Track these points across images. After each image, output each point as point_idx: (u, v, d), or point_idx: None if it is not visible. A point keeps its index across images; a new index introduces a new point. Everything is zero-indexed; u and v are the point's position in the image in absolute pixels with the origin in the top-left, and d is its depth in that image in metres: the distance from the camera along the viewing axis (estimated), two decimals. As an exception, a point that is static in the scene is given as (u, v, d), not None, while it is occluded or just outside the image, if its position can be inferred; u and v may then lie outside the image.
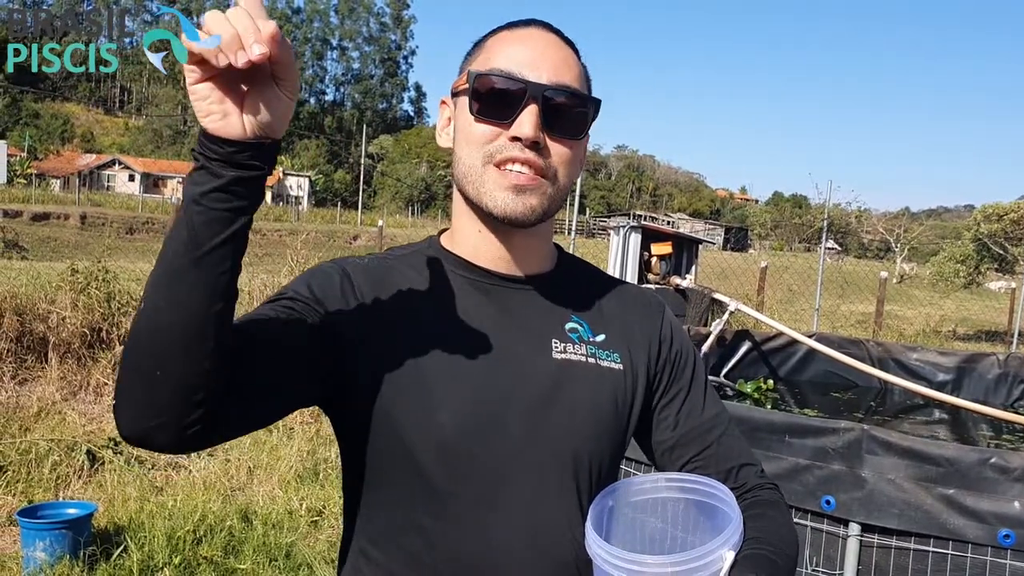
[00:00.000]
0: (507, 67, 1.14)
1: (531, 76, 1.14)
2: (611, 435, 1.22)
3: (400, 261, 1.25)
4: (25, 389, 6.65)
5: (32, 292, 7.38)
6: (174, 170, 69.92)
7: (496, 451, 1.13)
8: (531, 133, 1.12)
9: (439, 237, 1.31)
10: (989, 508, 2.92)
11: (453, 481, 1.13)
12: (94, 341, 7.20)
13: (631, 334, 1.29)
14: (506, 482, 1.14)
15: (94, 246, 13.19)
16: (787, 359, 6.64)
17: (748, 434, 3.38)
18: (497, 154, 1.15)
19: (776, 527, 1.16)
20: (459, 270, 1.23)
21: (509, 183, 1.14)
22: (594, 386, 1.21)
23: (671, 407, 1.29)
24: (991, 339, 18.07)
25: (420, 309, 1.18)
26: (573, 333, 1.24)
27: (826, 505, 3.14)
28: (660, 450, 1.29)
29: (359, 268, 1.21)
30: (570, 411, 1.18)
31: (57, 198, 42.03)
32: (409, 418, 1.12)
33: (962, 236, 21.76)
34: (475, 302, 1.20)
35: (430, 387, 1.12)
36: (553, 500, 1.16)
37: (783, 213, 48.54)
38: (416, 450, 1.12)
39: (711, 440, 1.28)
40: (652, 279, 10.65)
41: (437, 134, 1.29)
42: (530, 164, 1.14)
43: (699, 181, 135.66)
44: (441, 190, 74.70)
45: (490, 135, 1.15)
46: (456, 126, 1.21)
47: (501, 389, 1.15)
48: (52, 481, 5.12)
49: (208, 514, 4.67)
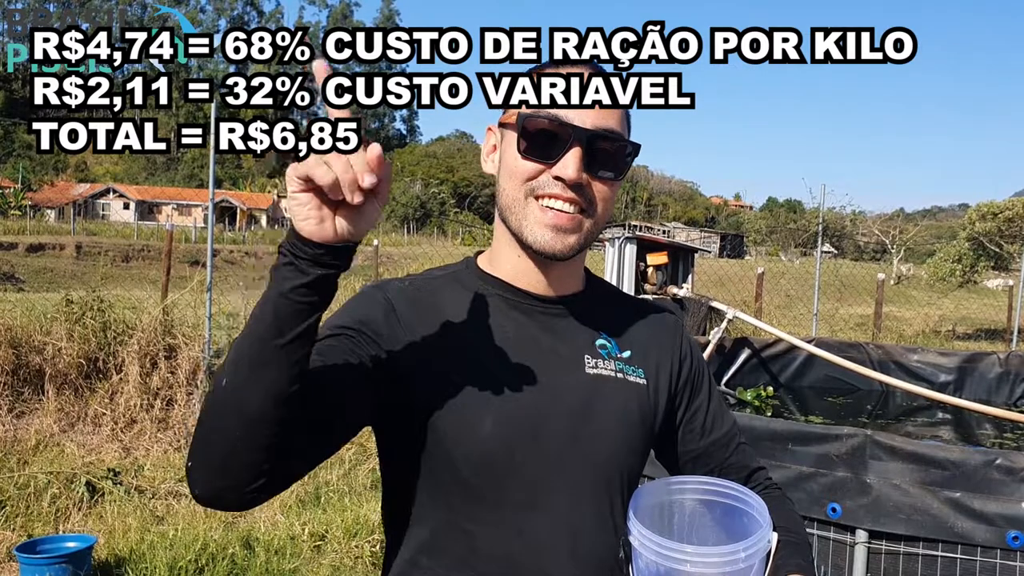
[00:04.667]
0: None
1: (576, 119, 1.20)
2: (638, 445, 1.33)
3: (442, 283, 1.33)
4: (22, 422, 6.61)
5: (27, 324, 7.33)
6: (168, 196, 69.98)
7: (537, 460, 1.22)
8: (574, 175, 1.20)
9: (476, 259, 1.38)
10: (997, 510, 2.89)
11: (498, 490, 1.21)
12: (91, 371, 7.15)
13: (653, 351, 1.40)
14: (546, 488, 1.23)
15: (90, 275, 13.16)
16: (787, 365, 6.62)
17: (751, 443, 3.33)
18: (539, 189, 1.22)
19: (794, 518, 1.37)
20: (500, 291, 1.31)
21: (550, 221, 1.22)
22: (623, 399, 1.31)
23: (696, 419, 1.43)
24: (991, 337, 18.06)
25: (465, 331, 1.25)
26: (603, 350, 1.33)
27: (832, 513, 3.11)
28: (685, 459, 1.43)
29: (402, 295, 1.27)
30: (603, 422, 1.28)
31: (52, 228, 42.00)
32: (459, 435, 1.20)
33: (957, 235, 21.80)
34: (515, 322, 1.29)
35: (477, 405, 1.20)
36: (588, 504, 1.26)
37: (778, 219, 48.58)
38: (464, 463, 1.20)
39: (731, 450, 1.45)
40: (649, 289, 10.63)
41: (482, 159, 1.36)
42: (571, 202, 1.22)
43: (693, 189, 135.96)
44: (436, 208, 74.87)
45: (534, 171, 1.22)
46: (502, 158, 1.28)
47: (541, 403, 1.24)
48: (51, 514, 5.08)
49: (210, 543, 4.63)
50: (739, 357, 6.60)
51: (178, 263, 14.68)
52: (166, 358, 7.27)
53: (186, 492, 5.59)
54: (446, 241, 46.43)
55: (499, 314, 1.28)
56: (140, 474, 5.89)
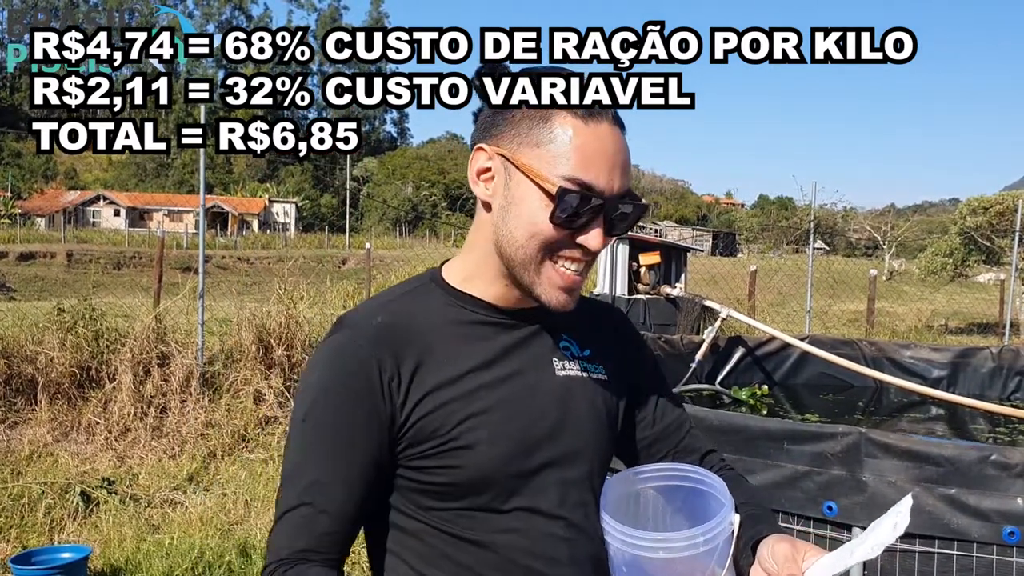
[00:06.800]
0: (586, 177, 1.19)
1: (607, 189, 1.20)
2: (608, 438, 1.38)
3: (414, 307, 1.30)
4: (16, 432, 6.58)
5: (19, 333, 7.30)
6: (159, 202, 69.74)
7: (529, 466, 1.26)
8: (599, 247, 1.23)
9: (441, 271, 1.36)
10: (992, 506, 2.90)
11: (498, 499, 1.24)
12: (84, 380, 7.12)
13: (607, 346, 1.43)
14: (540, 490, 1.27)
15: (82, 283, 13.14)
16: (781, 363, 6.63)
17: (746, 442, 3.36)
18: (558, 251, 1.23)
19: (754, 491, 1.42)
20: (473, 308, 1.31)
21: (564, 284, 1.24)
22: (591, 397, 1.35)
23: (647, 407, 1.46)
24: (983, 331, 18.12)
25: (447, 358, 1.25)
26: (567, 352, 1.36)
27: (828, 511, 3.11)
28: (641, 446, 1.45)
29: (380, 342, 1.24)
30: (579, 422, 1.32)
31: (43, 236, 41.90)
32: (455, 454, 1.22)
33: (948, 230, 21.88)
34: (493, 338, 1.30)
35: (467, 423, 1.22)
36: (578, 505, 1.30)
37: (769, 216, 48.66)
38: (461, 478, 1.22)
39: (683, 433, 1.47)
40: (642, 289, 10.64)
41: (472, 181, 1.30)
42: (585, 263, 1.25)
43: (684, 188, 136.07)
44: (428, 210, 74.79)
45: (559, 238, 1.22)
46: (514, 203, 1.23)
47: (525, 411, 1.27)
48: (46, 525, 5.05)
49: (206, 550, 4.61)
50: (733, 356, 6.61)
51: (170, 269, 14.62)
52: (159, 366, 7.24)
53: (181, 500, 5.58)
54: (438, 243, 46.34)
55: (477, 333, 1.29)
56: (135, 483, 5.87)
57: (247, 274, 22.89)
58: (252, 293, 11.21)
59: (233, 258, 35.64)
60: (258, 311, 8.37)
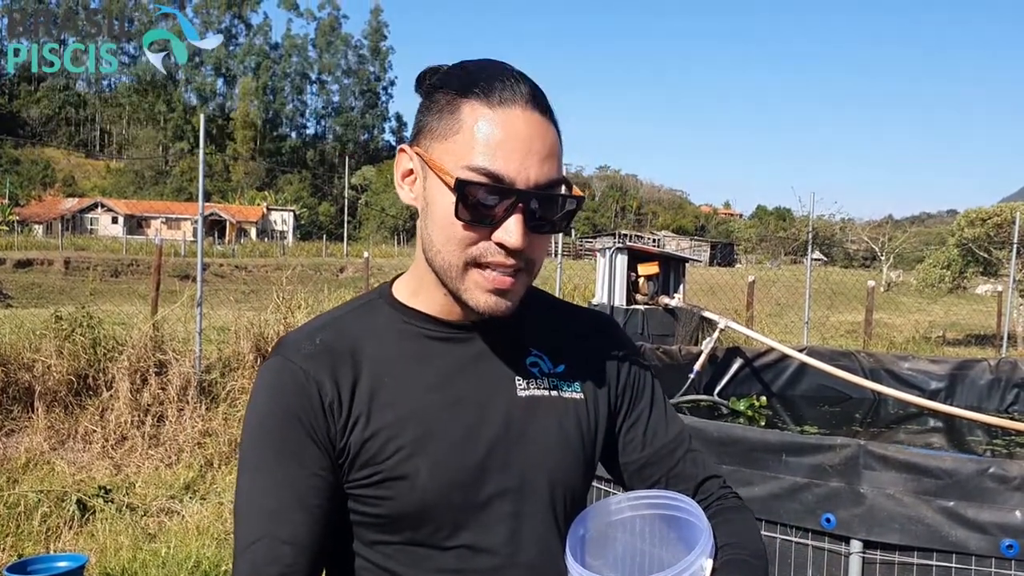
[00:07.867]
0: (492, 166, 1.07)
1: (519, 178, 1.08)
2: (580, 463, 1.24)
3: (356, 327, 1.21)
4: (12, 440, 6.56)
5: (16, 341, 7.29)
6: (157, 210, 69.80)
7: (476, 499, 1.15)
8: (519, 243, 1.09)
9: (391, 287, 1.28)
10: (990, 519, 2.90)
11: (439, 534, 1.14)
12: (81, 388, 7.11)
13: (589, 361, 1.30)
14: (487, 526, 1.16)
15: (79, 291, 13.09)
16: (779, 374, 6.64)
17: (744, 454, 3.36)
18: (480, 258, 1.11)
19: (746, 531, 1.22)
20: (420, 324, 1.21)
21: (491, 286, 1.12)
22: (559, 418, 1.23)
23: (636, 429, 1.31)
24: (981, 343, 18.15)
25: (389, 379, 1.17)
26: (534, 368, 1.25)
27: (826, 523, 3.11)
28: (629, 471, 1.31)
29: (320, 365, 1.15)
30: (542, 446, 1.20)
31: (40, 244, 41.88)
32: (393, 492, 1.13)
33: (946, 241, 21.92)
34: (442, 356, 1.20)
35: (405, 451, 1.13)
36: (538, 533, 1.18)
37: (767, 227, 48.71)
38: (394, 510, 1.13)
39: (677, 458, 1.31)
40: (640, 299, 10.64)
41: (396, 183, 1.22)
42: (513, 267, 1.12)
43: (682, 198, 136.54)
44: (426, 218, 74.90)
45: (474, 239, 1.10)
46: (430, 203, 1.14)
47: (475, 437, 1.16)
48: (42, 533, 5.04)
49: (203, 560, 4.60)
50: (731, 366, 6.61)
51: (168, 277, 14.58)
52: (157, 374, 7.23)
53: (178, 509, 5.56)
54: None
55: (425, 350, 1.19)
56: (131, 491, 5.85)
57: (245, 282, 22.83)
58: (250, 301, 11.19)
59: (231, 266, 35.61)
60: (256, 319, 8.37)
